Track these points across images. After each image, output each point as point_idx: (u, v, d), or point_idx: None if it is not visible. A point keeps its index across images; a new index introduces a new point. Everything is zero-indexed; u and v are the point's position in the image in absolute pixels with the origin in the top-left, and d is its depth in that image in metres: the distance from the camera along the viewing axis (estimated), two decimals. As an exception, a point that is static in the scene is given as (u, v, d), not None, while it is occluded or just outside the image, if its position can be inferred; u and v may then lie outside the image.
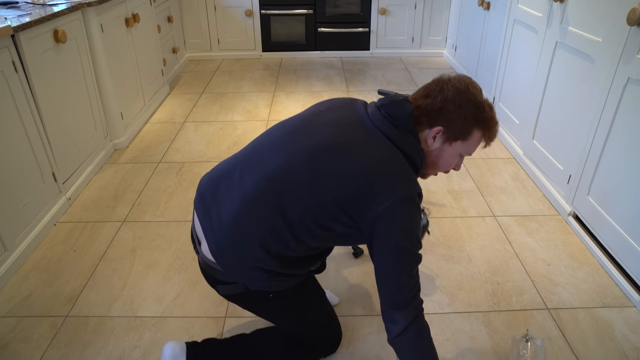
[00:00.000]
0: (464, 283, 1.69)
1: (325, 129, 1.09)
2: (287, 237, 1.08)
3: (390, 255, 1.04)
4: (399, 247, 1.03)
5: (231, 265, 1.13)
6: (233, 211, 1.09)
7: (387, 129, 1.08)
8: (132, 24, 2.75)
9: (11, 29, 1.71)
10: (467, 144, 1.12)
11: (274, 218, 1.06)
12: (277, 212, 1.06)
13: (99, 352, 1.43)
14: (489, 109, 1.11)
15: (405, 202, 1.01)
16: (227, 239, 1.11)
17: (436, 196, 2.20)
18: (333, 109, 1.17)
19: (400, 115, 1.09)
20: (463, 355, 1.42)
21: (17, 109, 1.78)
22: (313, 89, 3.53)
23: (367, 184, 1.01)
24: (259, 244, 1.08)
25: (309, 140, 1.08)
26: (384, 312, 1.09)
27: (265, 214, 1.07)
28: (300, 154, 1.06)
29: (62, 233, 1.96)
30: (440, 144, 1.12)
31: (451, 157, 1.15)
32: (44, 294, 1.65)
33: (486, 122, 1.11)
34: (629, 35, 1.59)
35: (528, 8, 2.37)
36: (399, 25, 4.20)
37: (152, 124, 2.99)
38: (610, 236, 1.73)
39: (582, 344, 1.45)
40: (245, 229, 1.09)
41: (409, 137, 1.09)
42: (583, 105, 1.89)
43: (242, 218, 1.09)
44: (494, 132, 1.13)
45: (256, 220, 1.08)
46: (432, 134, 1.10)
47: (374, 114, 1.10)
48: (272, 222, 1.06)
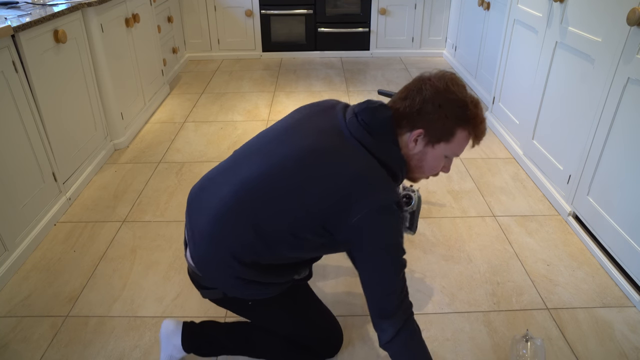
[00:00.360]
0: (464, 283, 1.69)
1: (301, 140, 1.07)
2: (260, 248, 1.07)
3: (372, 265, 1.03)
4: (379, 257, 1.01)
5: (209, 272, 1.15)
6: (209, 220, 1.10)
7: (362, 137, 1.05)
8: (132, 24, 2.75)
9: (11, 29, 1.71)
10: (451, 145, 1.08)
11: (246, 229, 1.06)
12: (249, 222, 1.06)
13: (99, 352, 1.43)
14: (472, 107, 1.05)
15: (381, 212, 0.99)
16: (204, 247, 1.12)
17: (436, 196, 2.20)
18: (313, 115, 1.15)
19: (375, 122, 1.06)
20: (463, 355, 1.42)
21: (17, 109, 1.78)
22: (313, 89, 3.53)
23: (340, 195, 1.00)
24: (231, 253, 1.08)
25: (283, 150, 1.07)
26: (372, 321, 1.08)
27: (237, 225, 1.07)
28: (274, 165, 1.06)
29: (62, 233, 1.96)
30: (422, 147, 1.08)
31: (436, 160, 1.10)
32: (44, 294, 1.65)
33: (470, 121, 1.05)
34: (629, 35, 1.59)
35: (528, 8, 2.37)
36: (399, 25, 4.20)
37: (152, 124, 2.99)
38: (610, 236, 1.73)
39: (582, 344, 1.45)
40: (219, 239, 1.09)
41: (385, 144, 1.06)
42: (583, 105, 1.89)
43: (216, 228, 1.09)
44: (480, 130, 1.07)
45: (229, 230, 1.08)
46: (412, 137, 1.06)
47: (351, 121, 1.07)
48: (244, 232, 1.06)
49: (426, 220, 2.03)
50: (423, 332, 1.48)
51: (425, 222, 2.02)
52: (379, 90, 1.98)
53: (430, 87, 1.04)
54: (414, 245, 1.88)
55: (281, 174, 1.04)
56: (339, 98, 3.36)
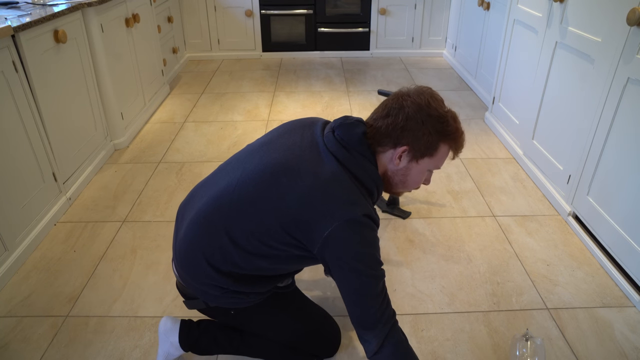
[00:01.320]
0: (464, 283, 1.69)
1: (277, 153, 1.09)
2: (236, 258, 1.09)
3: (347, 280, 1.03)
4: (353, 272, 1.02)
5: (189, 281, 1.18)
6: (188, 231, 1.14)
7: (337, 151, 1.06)
8: (132, 24, 2.75)
9: (11, 29, 1.71)
10: (434, 159, 1.10)
11: (221, 239, 1.08)
12: (224, 233, 1.08)
13: (99, 352, 1.43)
14: (452, 121, 1.07)
15: (350, 226, 0.99)
16: (183, 257, 1.16)
17: (436, 196, 2.20)
18: (292, 131, 1.17)
19: (350, 137, 1.08)
20: (463, 355, 1.42)
21: (17, 109, 1.78)
22: (313, 89, 3.53)
23: (309, 209, 1.01)
24: (207, 262, 1.11)
25: (259, 163, 1.09)
26: (356, 332, 1.09)
27: (212, 235, 1.09)
28: (248, 178, 1.08)
29: (62, 233, 1.96)
30: (406, 163, 1.09)
31: (419, 174, 1.12)
32: (44, 294, 1.65)
33: (451, 135, 1.08)
34: (629, 35, 1.59)
35: (528, 8, 2.37)
36: (399, 25, 4.20)
37: (152, 124, 2.99)
38: (610, 236, 1.73)
39: (582, 344, 1.45)
40: (195, 248, 1.12)
41: (359, 159, 1.07)
42: (583, 105, 1.89)
43: (193, 237, 1.13)
44: (460, 143, 1.10)
45: (205, 241, 1.11)
46: (397, 154, 1.07)
47: (328, 136, 1.09)
48: (220, 242, 1.09)
49: (426, 220, 2.03)
50: (423, 332, 1.48)
51: (425, 222, 2.02)
52: (379, 90, 1.98)
53: (411, 103, 1.05)
54: (414, 245, 1.88)
55: (254, 187, 1.06)
56: (339, 98, 3.36)
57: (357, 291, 1.03)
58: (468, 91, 3.51)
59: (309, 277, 1.72)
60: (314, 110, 3.16)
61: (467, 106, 3.24)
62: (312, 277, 1.72)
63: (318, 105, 3.25)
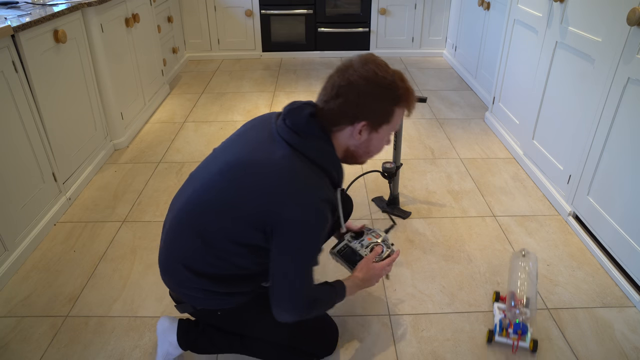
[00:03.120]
0: (464, 283, 1.69)
1: (236, 151, 1.12)
2: (210, 258, 1.11)
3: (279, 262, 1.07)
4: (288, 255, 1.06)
5: (173, 285, 1.21)
6: (165, 238, 1.18)
7: (289, 138, 1.08)
8: (132, 24, 2.75)
9: (11, 29, 1.71)
10: (392, 124, 1.12)
11: (193, 243, 1.11)
12: (196, 236, 1.10)
13: (99, 352, 1.43)
14: (401, 82, 1.07)
15: (306, 211, 1.03)
16: (164, 261, 1.19)
17: (436, 196, 2.20)
18: (252, 128, 1.19)
19: (298, 121, 1.08)
20: (463, 355, 1.42)
21: (17, 109, 1.78)
22: (313, 89, 3.53)
23: (263, 199, 1.03)
24: (184, 266, 1.13)
25: (220, 163, 1.12)
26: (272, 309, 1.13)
27: (186, 240, 1.12)
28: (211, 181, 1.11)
29: (62, 233, 1.96)
30: (367, 135, 1.11)
31: (381, 141, 1.15)
32: (44, 294, 1.65)
33: (403, 97, 1.08)
34: (629, 35, 1.59)
35: (528, 8, 2.37)
36: (399, 25, 4.20)
37: (152, 124, 2.99)
38: (610, 236, 1.73)
39: (582, 344, 1.45)
40: (173, 251, 1.16)
41: (312, 141, 1.08)
42: (583, 105, 1.89)
43: (169, 244, 1.17)
44: (412, 102, 1.11)
45: (179, 245, 1.14)
46: (357, 130, 1.09)
47: (280, 125, 1.11)
48: (193, 246, 1.11)
49: (426, 220, 2.03)
50: (423, 332, 1.49)
51: (425, 222, 2.02)
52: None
53: (359, 78, 1.05)
54: (414, 245, 1.88)
55: (215, 189, 1.09)
56: (339, 98, 3.36)
57: (284, 274, 1.07)
58: (468, 91, 3.51)
59: (309, 277, 1.72)
60: (314, 110, 3.16)
61: (467, 106, 3.24)
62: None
63: (318, 105, 3.24)
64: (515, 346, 1.42)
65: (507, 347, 1.43)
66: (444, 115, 3.08)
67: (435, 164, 2.49)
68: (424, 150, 2.63)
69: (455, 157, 2.55)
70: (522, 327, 1.40)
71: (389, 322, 1.53)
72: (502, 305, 1.51)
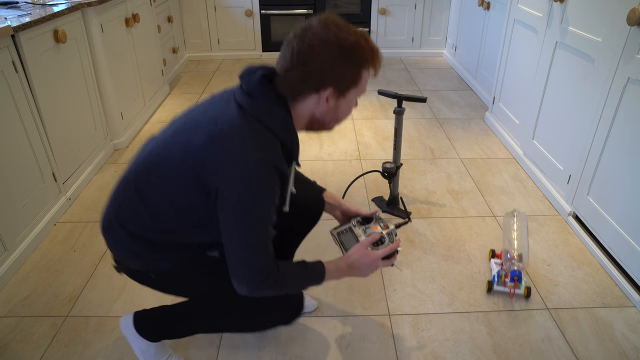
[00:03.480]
0: (464, 283, 1.69)
1: (194, 112, 1.08)
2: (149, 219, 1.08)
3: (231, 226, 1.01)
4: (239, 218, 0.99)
5: (110, 243, 1.17)
6: (111, 193, 1.16)
7: (242, 100, 1.02)
8: (132, 24, 2.75)
9: (11, 29, 1.71)
10: (359, 87, 1.06)
11: (134, 199, 1.08)
12: (137, 192, 1.07)
13: (99, 352, 1.43)
14: (365, 42, 1.01)
15: (246, 172, 0.96)
16: (106, 218, 1.15)
17: (436, 196, 2.20)
18: (218, 94, 1.12)
19: (250, 83, 1.03)
20: (463, 355, 1.42)
21: (17, 109, 1.78)
22: (313, 89, 3.53)
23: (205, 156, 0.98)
24: (121, 223, 1.11)
25: (178, 122, 1.08)
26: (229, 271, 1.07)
27: (127, 195, 1.09)
28: (164, 137, 1.07)
29: (62, 233, 1.96)
30: (335, 102, 1.05)
31: (349, 105, 1.09)
32: (44, 294, 1.65)
33: (368, 58, 1.02)
34: (629, 35, 1.59)
35: (528, 8, 2.37)
36: (399, 25, 4.20)
37: (152, 123, 2.99)
38: (610, 236, 1.73)
39: (582, 344, 1.45)
40: (114, 209, 1.13)
41: (264, 103, 1.02)
42: (583, 105, 1.89)
43: (113, 199, 1.14)
44: (378, 61, 1.04)
45: (120, 201, 1.12)
46: (323, 98, 1.03)
47: (236, 89, 1.06)
48: (133, 203, 1.08)
49: (426, 220, 2.03)
50: (423, 332, 1.48)
51: (426, 222, 2.02)
52: (379, 90, 1.98)
53: (320, 42, 0.98)
54: (414, 245, 1.88)
55: (166, 145, 1.05)
56: (339, 98, 3.36)
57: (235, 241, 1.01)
58: (468, 91, 3.51)
59: (309, 277, 1.72)
60: (314, 110, 3.16)
61: (467, 106, 3.24)
62: (312, 277, 1.72)
63: (318, 105, 3.24)
64: (512, 293, 1.63)
65: (505, 295, 1.63)
66: (444, 115, 3.08)
67: (435, 164, 2.49)
68: (424, 150, 2.63)
69: (455, 157, 2.55)
70: (518, 274, 1.60)
71: (389, 322, 1.53)
72: (498, 260, 1.71)
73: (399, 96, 1.92)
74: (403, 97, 1.91)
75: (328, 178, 2.35)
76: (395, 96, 1.93)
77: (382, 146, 2.68)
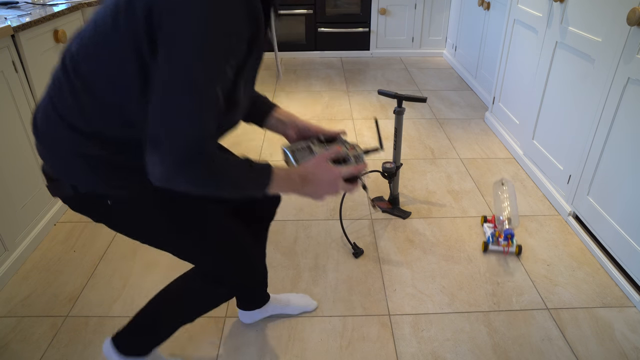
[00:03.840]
0: (464, 283, 1.69)
1: None
2: (97, 110, 0.85)
3: (166, 80, 0.76)
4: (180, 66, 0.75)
5: (46, 150, 0.92)
6: (46, 87, 0.93)
7: None
8: (132, 24, 2.74)
9: (11, 29, 1.71)
10: None
11: (74, 87, 0.85)
12: (76, 77, 0.85)
13: (99, 352, 1.43)
14: None
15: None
16: (41, 116, 0.91)
17: (436, 196, 2.20)
18: None
19: None
20: (463, 355, 1.42)
21: (17, 109, 1.78)
22: (313, 89, 3.53)
23: None
24: (60, 117, 0.87)
25: None
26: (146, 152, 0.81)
27: (66, 84, 0.87)
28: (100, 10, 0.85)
29: (62, 233, 1.96)
30: None
31: None
32: (44, 294, 1.65)
33: None
34: (629, 35, 1.59)
35: (528, 8, 2.37)
36: (399, 25, 4.20)
37: (152, 124, 2.98)
38: (610, 236, 1.73)
39: (582, 344, 1.45)
40: (49, 104, 0.90)
41: None
42: (583, 105, 1.89)
43: (47, 92, 0.92)
44: None
45: (60, 93, 0.88)
46: None
47: None
48: (74, 93, 0.86)
49: (426, 220, 2.03)
50: (423, 332, 1.48)
51: (425, 222, 2.02)
52: (379, 90, 1.98)
53: None
54: (414, 245, 1.88)
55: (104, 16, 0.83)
56: (339, 98, 3.36)
57: (171, 91, 0.76)
58: (468, 91, 3.51)
59: (308, 276, 1.72)
60: (314, 109, 3.16)
61: (467, 106, 3.24)
62: (312, 276, 1.72)
63: (318, 105, 3.25)
64: (506, 251, 1.83)
65: (499, 253, 1.78)
66: (444, 115, 3.08)
67: (435, 164, 2.49)
68: (424, 150, 2.63)
69: (455, 157, 2.55)
70: (511, 233, 1.80)
71: (389, 322, 1.53)
72: (490, 225, 1.92)
73: (399, 96, 1.92)
74: (403, 97, 1.91)
75: (328, 178, 2.35)
76: (395, 96, 1.93)
77: (382, 146, 2.68)
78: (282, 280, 1.70)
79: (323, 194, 0.97)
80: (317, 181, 0.95)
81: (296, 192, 0.95)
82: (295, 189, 0.94)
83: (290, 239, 1.92)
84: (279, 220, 2.04)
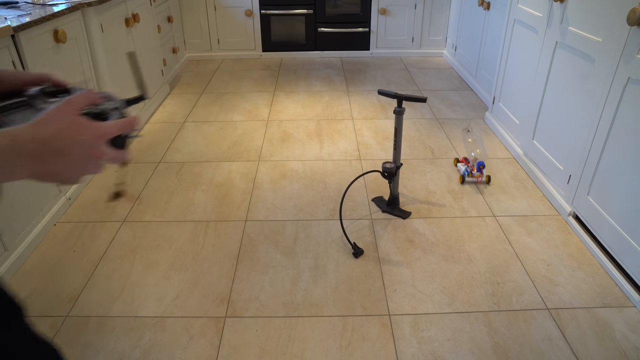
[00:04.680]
0: (464, 283, 1.69)
1: None
2: None
3: None
4: None
5: None
6: None
7: None
8: (132, 24, 2.75)
9: (11, 29, 1.71)
10: None
11: None
12: None
13: (99, 352, 1.43)
14: None
15: None
16: None
17: (436, 196, 2.20)
18: None
19: None
20: (463, 355, 1.42)
21: (17, 109, 1.78)
22: (313, 89, 3.53)
23: None
24: None
25: None
26: None
27: None
28: None
29: (62, 233, 1.96)
30: None
31: None
32: (44, 294, 1.65)
33: None
34: (629, 35, 1.59)
35: (528, 8, 2.37)
36: (399, 25, 4.20)
37: (152, 124, 2.99)
38: (610, 236, 1.73)
39: (582, 344, 1.45)
40: None
41: None
42: (583, 105, 1.89)
43: None
44: None
45: None
46: None
47: None
48: None
49: (426, 220, 2.03)
50: (423, 332, 1.48)
51: (425, 222, 2.02)
52: (379, 90, 1.98)
53: None
54: (414, 245, 1.88)
55: None
56: (339, 98, 3.36)
57: None
58: (468, 91, 3.51)
59: (308, 276, 1.72)
60: (314, 110, 3.16)
61: (467, 106, 3.24)
62: (312, 276, 1.72)
63: (318, 105, 3.25)
64: (480, 180, 2.27)
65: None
66: (444, 115, 3.08)
67: (435, 164, 2.49)
68: (424, 150, 2.63)
69: (455, 157, 2.55)
70: (482, 163, 2.26)
71: (389, 322, 1.53)
72: (462, 164, 2.34)
73: (399, 96, 1.92)
74: (403, 97, 1.91)
75: (328, 178, 2.35)
76: (395, 96, 1.93)
77: (382, 146, 2.68)
78: (282, 280, 1.70)
79: (77, 170, 0.55)
80: (67, 146, 0.52)
81: (23, 172, 0.50)
82: (24, 166, 0.49)
83: (290, 239, 1.92)
84: (279, 220, 2.04)
